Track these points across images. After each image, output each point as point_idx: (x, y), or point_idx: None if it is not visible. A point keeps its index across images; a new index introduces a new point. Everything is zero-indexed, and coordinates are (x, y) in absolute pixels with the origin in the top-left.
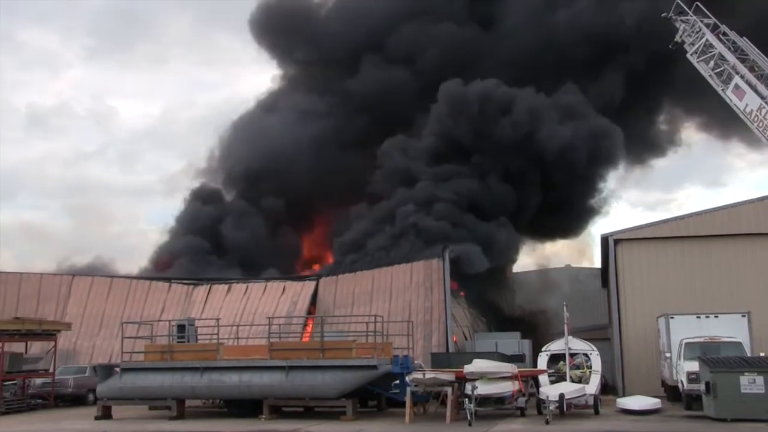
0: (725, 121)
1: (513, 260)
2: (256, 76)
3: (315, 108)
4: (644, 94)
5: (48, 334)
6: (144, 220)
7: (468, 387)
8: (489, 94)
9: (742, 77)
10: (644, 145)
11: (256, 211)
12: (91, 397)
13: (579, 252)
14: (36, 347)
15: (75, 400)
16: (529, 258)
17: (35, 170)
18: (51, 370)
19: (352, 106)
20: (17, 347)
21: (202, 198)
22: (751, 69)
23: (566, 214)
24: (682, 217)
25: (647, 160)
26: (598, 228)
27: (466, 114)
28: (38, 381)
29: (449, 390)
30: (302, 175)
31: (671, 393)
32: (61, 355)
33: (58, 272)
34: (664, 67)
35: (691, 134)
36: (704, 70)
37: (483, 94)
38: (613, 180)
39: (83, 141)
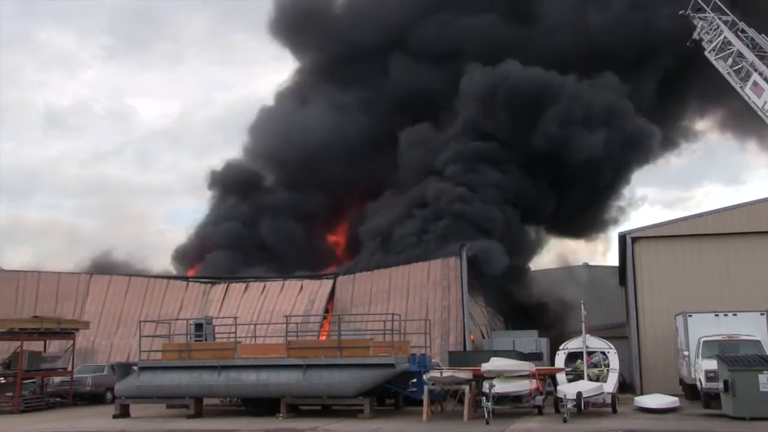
0: (744, 119)
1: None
2: (273, 75)
3: (345, 102)
4: (668, 94)
5: (66, 332)
6: (162, 220)
7: (485, 385)
8: (527, 77)
9: (760, 74)
10: (664, 143)
11: (291, 207)
12: (109, 395)
13: (594, 248)
14: (54, 346)
15: (93, 398)
16: (546, 255)
17: (53, 169)
18: (69, 369)
19: (384, 102)
20: (36, 346)
21: (236, 190)
22: None
23: (588, 214)
24: (700, 215)
25: (665, 158)
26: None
27: (500, 99)
28: (57, 379)
29: (467, 388)
30: (334, 170)
31: (689, 391)
32: (80, 354)
33: (76, 271)
34: (688, 66)
35: (710, 132)
36: (722, 67)
37: (521, 77)
38: (635, 178)
39: (101, 140)
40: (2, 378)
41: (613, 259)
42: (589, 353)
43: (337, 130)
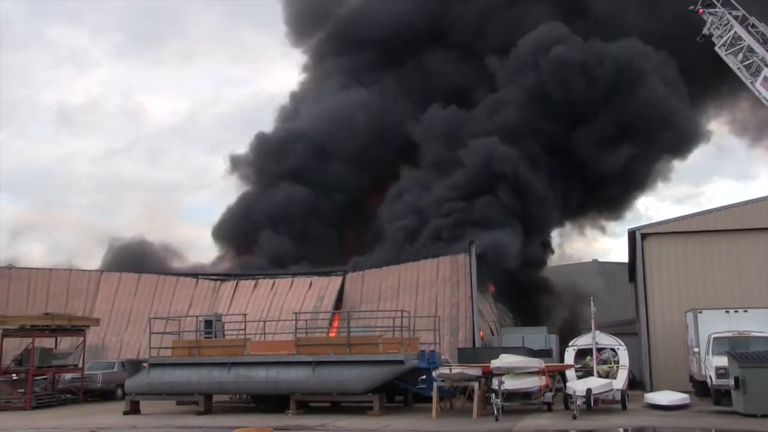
0: (756, 114)
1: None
2: (282, 71)
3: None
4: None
5: (77, 329)
6: (175, 215)
7: (495, 382)
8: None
9: None
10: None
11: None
12: (119, 392)
13: (604, 244)
14: (65, 343)
15: (104, 395)
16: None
17: (65, 167)
18: (80, 366)
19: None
20: (47, 343)
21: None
22: None
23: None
24: (710, 211)
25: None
26: (626, 222)
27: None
28: (68, 376)
29: (476, 385)
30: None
31: (699, 388)
32: (90, 351)
33: (86, 268)
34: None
35: (721, 127)
36: (732, 62)
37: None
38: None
39: (112, 138)
40: (15, 374)
41: (622, 256)
42: (599, 350)
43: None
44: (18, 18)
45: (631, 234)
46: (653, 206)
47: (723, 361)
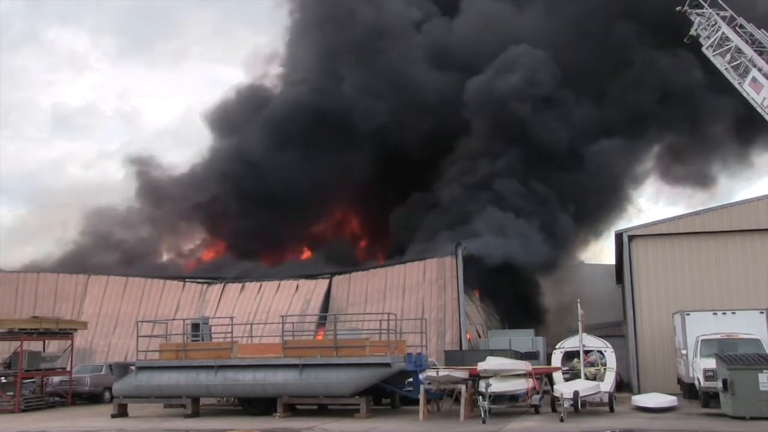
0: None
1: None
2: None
3: None
4: None
5: (65, 333)
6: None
7: (482, 384)
8: None
9: (759, 70)
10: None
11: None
12: (107, 395)
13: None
14: (53, 346)
15: (91, 398)
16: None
17: (59, 170)
18: (68, 369)
19: None
20: (35, 346)
21: None
22: None
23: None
24: (697, 213)
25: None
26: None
27: None
28: (56, 379)
29: (463, 388)
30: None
31: (687, 390)
32: (78, 354)
33: (74, 272)
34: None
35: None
36: (720, 63)
37: None
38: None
39: (108, 140)
40: (3, 378)
41: (609, 258)
42: (586, 352)
43: None
44: (12, 20)
45: (618, 236)
46: (644, 206)
47: (711, 363)
